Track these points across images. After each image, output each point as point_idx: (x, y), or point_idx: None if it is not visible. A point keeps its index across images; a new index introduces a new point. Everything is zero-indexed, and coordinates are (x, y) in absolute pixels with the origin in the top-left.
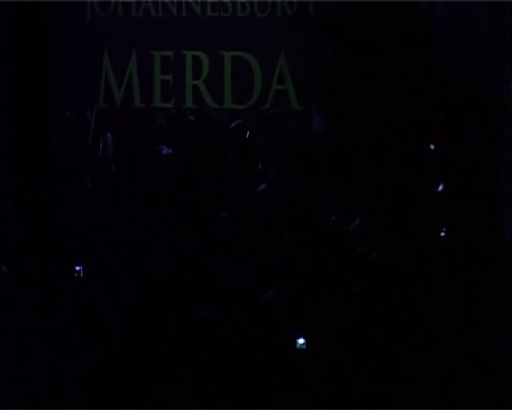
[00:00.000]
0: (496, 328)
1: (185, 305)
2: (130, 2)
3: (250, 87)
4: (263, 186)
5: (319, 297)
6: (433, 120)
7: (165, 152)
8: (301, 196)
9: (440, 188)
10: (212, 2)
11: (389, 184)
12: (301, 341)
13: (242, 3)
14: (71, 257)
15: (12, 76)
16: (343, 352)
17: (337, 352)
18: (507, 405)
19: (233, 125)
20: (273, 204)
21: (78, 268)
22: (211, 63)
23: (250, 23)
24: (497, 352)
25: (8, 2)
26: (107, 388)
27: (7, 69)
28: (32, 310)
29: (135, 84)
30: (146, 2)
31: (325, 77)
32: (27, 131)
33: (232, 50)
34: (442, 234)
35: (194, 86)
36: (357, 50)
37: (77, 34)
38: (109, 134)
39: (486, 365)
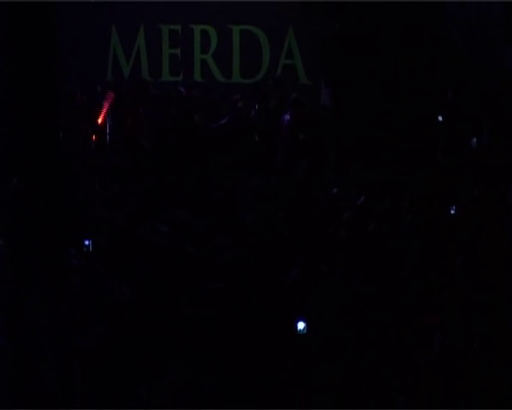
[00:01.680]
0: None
1: (195, 280)
2: None
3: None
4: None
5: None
6: (442, 94)
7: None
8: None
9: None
10: None
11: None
12: (301, 325)
13: None
14: (80, 232)
15: (18, 57)
16: (349, 333)
17: (342, 334)
18: None
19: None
20: (279, 181)
21: (87, 243)
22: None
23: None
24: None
25: None
26: (116, 363)
27: (13, 52)
28: (40, 286)
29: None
30: None
31: (333, 52)
32: (36, 110)
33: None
34: (452, 211)
35: (202, 60)
36: (366, 26)
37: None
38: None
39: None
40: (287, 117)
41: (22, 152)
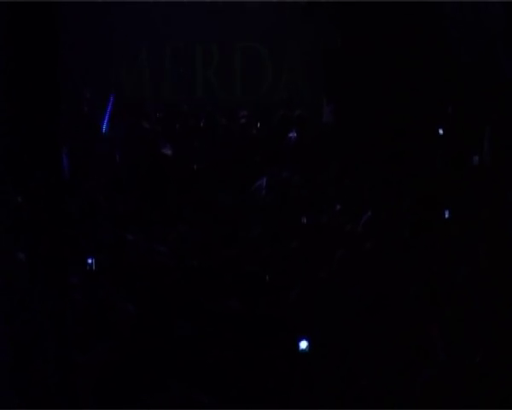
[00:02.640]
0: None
1: (198, 297)
2: None
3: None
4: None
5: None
6: (444, 108)
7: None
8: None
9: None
10: None
11: (399, 176)
12: (304, 344)
13: None
14: (82, 250)
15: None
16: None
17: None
18: None
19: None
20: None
21: (89, 261)
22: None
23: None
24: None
25: None
26: (119, 380)
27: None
28: (43, 303)
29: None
30: None
31: (335, 68)
32: (37, 124)
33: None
34: (446, 216)
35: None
36: (368, 40)
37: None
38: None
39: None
40: (292, 134)
41: (24, 168)
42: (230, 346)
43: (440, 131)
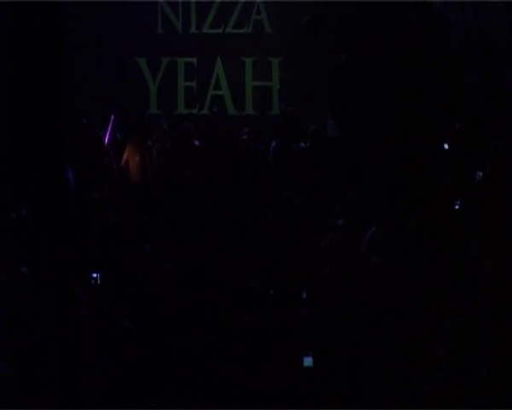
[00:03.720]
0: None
1: (201, 311)
2: None
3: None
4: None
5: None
6: (448, 122)
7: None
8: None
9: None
10: None
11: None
12: (308, 361)
13: None
14: (88, 264)
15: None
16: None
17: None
18: None
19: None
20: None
21: (94, 275)
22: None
23: None
24: None
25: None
26: (122, 394)
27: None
28: (47, 317)
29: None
30: None
31: (340, 82)
32: (42, 138)
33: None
34: (456, 207)
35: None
36: (372, 56)
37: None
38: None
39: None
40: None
41: (29, 182)
42: (234, 358)
43: (446, 146)
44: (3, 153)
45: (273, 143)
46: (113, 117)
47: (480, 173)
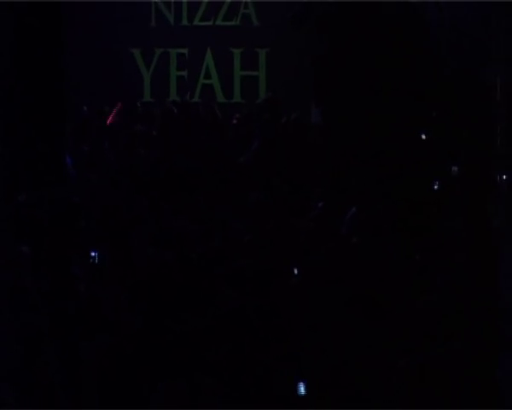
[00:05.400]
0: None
1: (200, 291)
2: None
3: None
4: None
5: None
6: (427, 113)
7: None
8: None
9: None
10: None
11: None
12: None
13: None
14: (86, 243)
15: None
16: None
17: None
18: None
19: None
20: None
21: (93, 254)
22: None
23: None
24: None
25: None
26: (121, 372)
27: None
28: (46, 294)
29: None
30: None
31: (324, 71)
32: (43, 122)
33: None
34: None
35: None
36: (354, 47)
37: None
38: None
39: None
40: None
41: (28, 164)
42: (232, 343)
43: (423, 136)
44: (5, 140)
45: (257, 129)
46: (119, 104)
47: (456, 168)
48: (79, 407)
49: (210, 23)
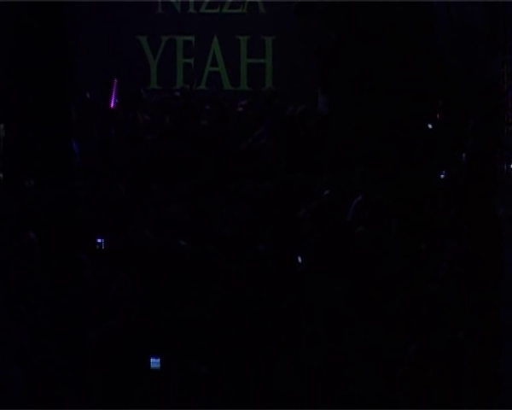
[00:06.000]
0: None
1: (205, 279)
2: None
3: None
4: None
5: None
6: (434, 102)
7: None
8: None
9: (440, 170)
10: None
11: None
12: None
13: None
14: (92, 230)
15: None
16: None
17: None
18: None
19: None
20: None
21: (99, 240)
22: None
23: None
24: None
25: None
26: (126, 355)
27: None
28: (53, 280)
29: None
30: None
31: (330, 60)
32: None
33: None
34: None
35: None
36: (360, 39)
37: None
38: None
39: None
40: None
41: (34, 152)
42: (230, 330)
43: (429, 126)
44: (13, 127)
45: (264, 118)
46: (116, 81)
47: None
48: (82, 395)
49: (216, 11)
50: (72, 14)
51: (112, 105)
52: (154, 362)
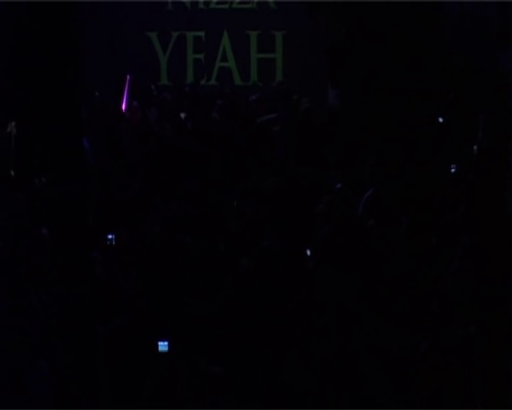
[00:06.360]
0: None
1: (214, 275)
2: None
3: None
4: None
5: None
6: (444, 96)
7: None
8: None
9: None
10: None
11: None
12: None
13: None
14: (103, 226)
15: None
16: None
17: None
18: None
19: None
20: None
21: (110, 237)
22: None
23: None
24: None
25: None
26: (136, 350)
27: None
28: (64, 276)
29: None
30: None
31: (341, 55)
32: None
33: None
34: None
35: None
36: (371, 34)
37: None
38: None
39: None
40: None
41: (46, 149)
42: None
43: (440, 119)
44: (25, 125)
45: (275, 114)
46: (128, 77)
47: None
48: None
49: (226, 6)
50: (82, 11)
51: (124, 107)
52: (162, 345)
